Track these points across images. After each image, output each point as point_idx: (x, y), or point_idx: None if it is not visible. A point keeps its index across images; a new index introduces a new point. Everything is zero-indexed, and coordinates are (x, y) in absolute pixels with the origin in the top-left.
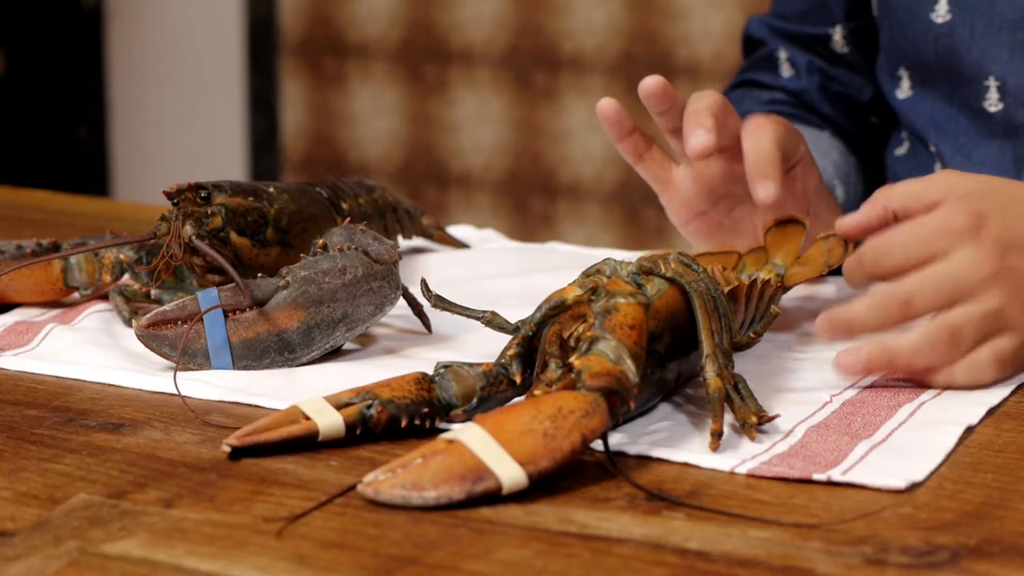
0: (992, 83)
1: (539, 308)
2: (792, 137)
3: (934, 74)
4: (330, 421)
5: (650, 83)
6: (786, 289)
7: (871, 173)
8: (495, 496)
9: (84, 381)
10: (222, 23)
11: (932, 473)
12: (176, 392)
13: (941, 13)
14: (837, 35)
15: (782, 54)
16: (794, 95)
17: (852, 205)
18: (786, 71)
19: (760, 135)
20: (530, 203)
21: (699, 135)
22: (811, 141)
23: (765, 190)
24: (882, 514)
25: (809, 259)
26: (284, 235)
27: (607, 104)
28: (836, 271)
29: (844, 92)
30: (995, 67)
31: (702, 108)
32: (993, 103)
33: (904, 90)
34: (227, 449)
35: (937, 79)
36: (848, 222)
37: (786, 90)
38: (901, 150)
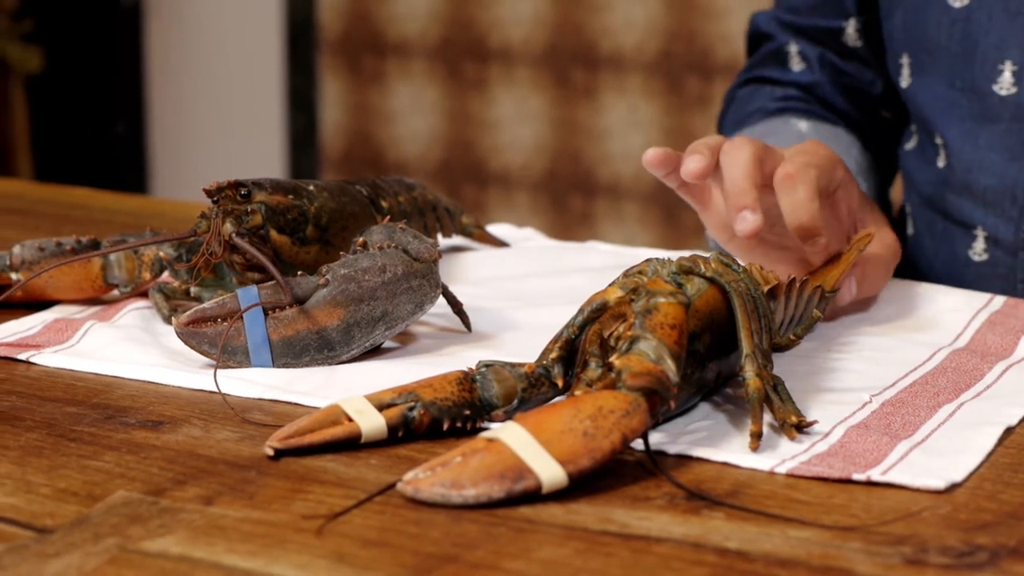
0: (1008, 67)
1: (581, 311)
2: (828, 163)
3: (939, 58)
4: (372, 424)
5: (650, 156)
6: (829, 296)
7: (883, 168)
8: (535, 495)
9: (123, 378)
10: (261, 21)
11: (972, 474)
12: (216, 390)
13: None
14: (850, 28)
15: (792, 48)
16: (806, 89)
17: None
18: (797, 65)
19: (735, 156)
20: (569, 202)
21: (745, 218)
22: (831, 138)
23: (743, 223)
24: (921, 514)
25: (841, 259)
26: (324, 233)
27: (653, 155)
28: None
29: (856, 86)
30: (1013, 52)
31: (741, 180)
32: (1006, 87)
33: (905, 77)
34: (270, 452)
35: (940, 63)
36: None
37: (798, 84)
38: (910, 144)
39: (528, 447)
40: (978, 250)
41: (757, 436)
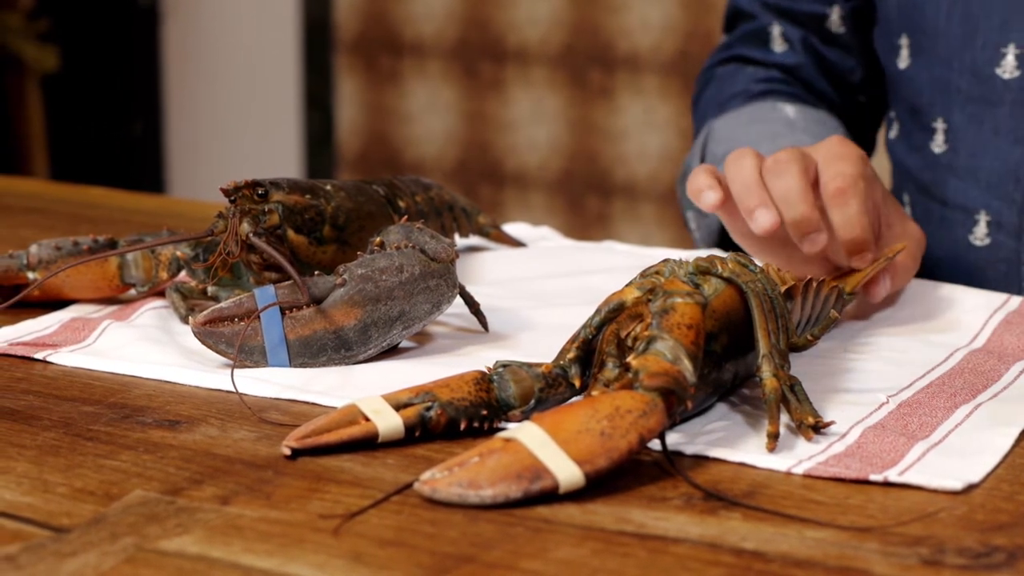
0: (1012, 50)
1: (598, 311)
2: (862, 163)
3: (937, 41)
4: (390, 423)
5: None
6: (848, 298)
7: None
8: (552, 495)
9: (140, 378)
10: (278, 21)
11: (989, 474)
12: (233, 389)
13: None
14: (834, 15)
15: (775, 29)
16: (790, 71)
17: None
18: (779, 46)
19: (742, 164)
20: (585, 202)
21: (760, 215)
22: (817, 123)
23: (763, 218)
24: (938, 515)
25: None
26: (341, 233)
27: (706, 195)
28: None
29: (836, 72)
30: (1015, 34)
31: (749, 182)
32: (1009, 70)
33: (903, 59)
34: (287, 452)
35: (939, 46)
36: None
37: (781, 66)
38: (894, 132)
39: (545, 447)
40: (980, 235)
41: (774, 437)
